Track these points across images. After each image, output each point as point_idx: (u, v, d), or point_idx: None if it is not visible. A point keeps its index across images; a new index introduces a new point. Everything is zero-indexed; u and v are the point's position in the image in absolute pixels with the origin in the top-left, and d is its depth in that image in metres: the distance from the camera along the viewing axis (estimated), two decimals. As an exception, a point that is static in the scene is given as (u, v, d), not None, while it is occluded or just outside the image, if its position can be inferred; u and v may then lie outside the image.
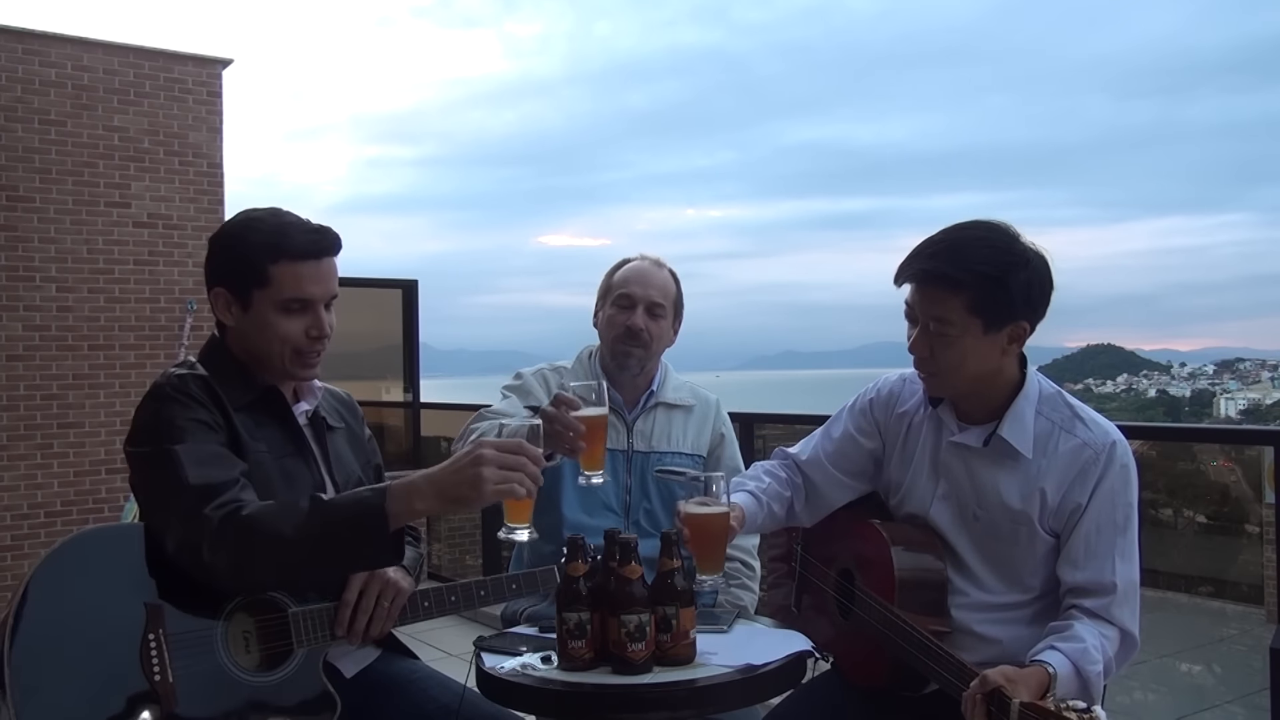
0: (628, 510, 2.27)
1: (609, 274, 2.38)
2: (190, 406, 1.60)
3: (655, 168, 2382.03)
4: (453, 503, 1.46)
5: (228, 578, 1.51)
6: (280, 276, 1.65)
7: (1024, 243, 1.65)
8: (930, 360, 1.67)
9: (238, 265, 1.67)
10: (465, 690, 1.76)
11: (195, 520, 1.48)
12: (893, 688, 1.75)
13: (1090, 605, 1.60)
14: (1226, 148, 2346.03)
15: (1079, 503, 1.65)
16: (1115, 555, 1.62)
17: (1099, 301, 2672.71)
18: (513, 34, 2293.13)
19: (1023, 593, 1.70)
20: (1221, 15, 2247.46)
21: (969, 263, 1.60)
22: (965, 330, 1.62)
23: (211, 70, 6.90)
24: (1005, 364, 1.69)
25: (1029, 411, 1.69)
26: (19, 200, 6.19)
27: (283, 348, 1.68)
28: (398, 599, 1.69)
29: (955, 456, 1.74)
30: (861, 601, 1.77)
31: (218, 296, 1.71)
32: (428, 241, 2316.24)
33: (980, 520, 1.71)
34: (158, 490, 1.56)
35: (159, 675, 1.50)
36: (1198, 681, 5.47)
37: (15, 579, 5.81)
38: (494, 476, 1.43)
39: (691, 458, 2.35)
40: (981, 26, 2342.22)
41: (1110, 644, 1.58)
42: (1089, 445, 1.66)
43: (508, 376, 2.40)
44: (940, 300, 1.62)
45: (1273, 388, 52.06)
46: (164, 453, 1.54)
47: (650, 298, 2.29)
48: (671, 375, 2.40)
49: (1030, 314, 1.65)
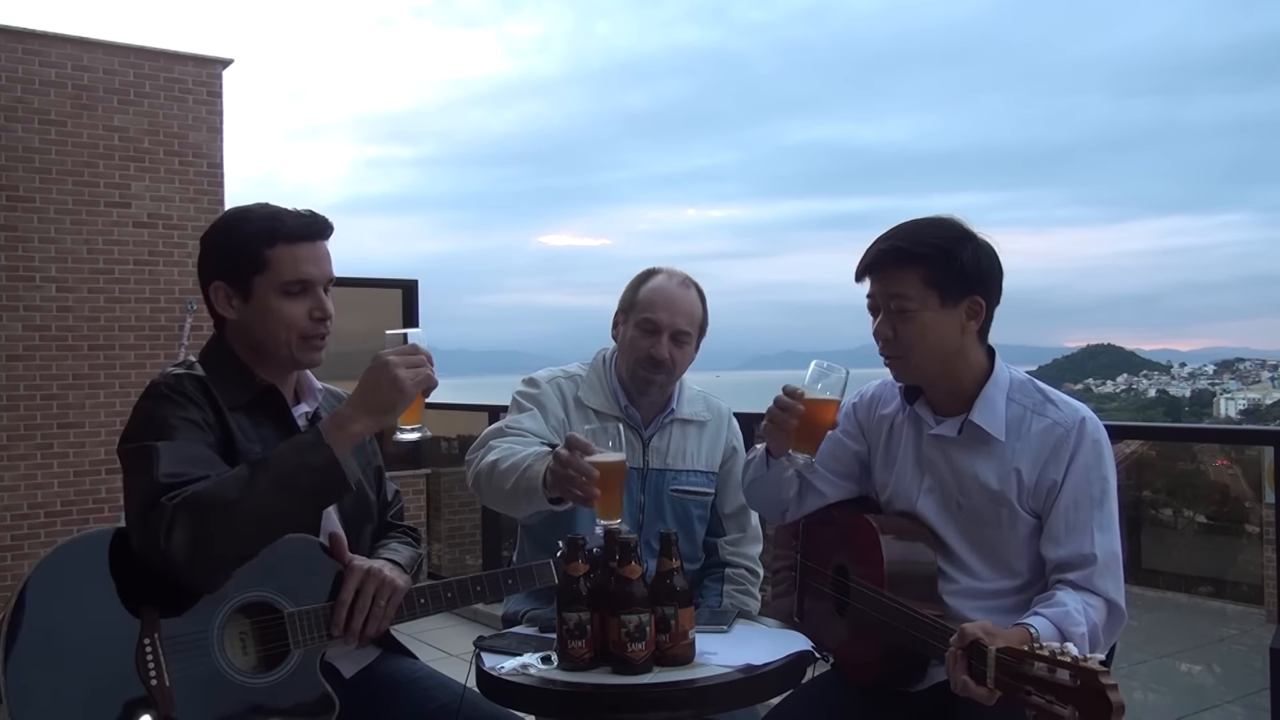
0: (640, 529, 2.21)
1: (633, 286, 2.27)
2: (182, 405, 1.60)
3: (656, 168, 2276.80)
4: (383, 412, 1.55)
5: (189, 563, 1.47)
6: (278, 259, 1.67)
7: (970, 228, 1.76)
8: (895, 341, 1.75)
9: (234, 255, 1.69)
10: (465, 690, 1.75)
11: (152, 512, 1.47)
12: (890, 681, 1.78)
13: (1073, 578, 1.64)
14: (1226, 147, 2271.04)
15: (1054, 479, 1.70)
16: (1094, 528, 1.67)
17: (1099, 301, 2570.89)
18: (513, 34, 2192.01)
19: (1011, 578, 1.74)
20: (1220, 14, 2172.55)
21: (921, 237, 1.72)
22: (923, 304, 1.71)
23: (211, 70, 6.90)
24: (968, 346, 1.76)
25: (999, 398, 1.76)
26: (19, 200, 6.20)
27: (288, 334, 1.69)
28: (394, 597, 1.68)
29: (935, 449, 1.80)
30: (856, 592, 1.80)
31: (216, 291, 1.71)
32: (428, 241, 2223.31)
33: (964, 508, 1.76)
34: (130, 486, 1.56)
35: (155, 679, 1.49)
36: (1198, 681, 5.47)
37: (15, 579, 5.78)
38: (409, 375, 1.54)
39: (706, 474, 2.31)
40: (981, 26, 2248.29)
41: (1096, 612, 1.60)
42: (1060, 424, 1.72)
43: (508, 376, 2.37)
44: (897, 277, 1.72)
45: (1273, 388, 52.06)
46: (145, 449, 1.54)
47: (676, 325, 2.19)
48: (688, 388, 2.34)
49: (984, 289, 1.73)
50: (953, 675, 1.44)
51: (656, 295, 2.22)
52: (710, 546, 2.36)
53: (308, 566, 1.65)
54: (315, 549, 1.67)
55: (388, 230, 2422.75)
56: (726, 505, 2.34)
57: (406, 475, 7.02)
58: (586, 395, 2.25)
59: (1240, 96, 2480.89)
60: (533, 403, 2.24)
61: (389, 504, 1.97)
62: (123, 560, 1.54)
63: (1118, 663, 1.73)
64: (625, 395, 2.26)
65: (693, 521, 2.28)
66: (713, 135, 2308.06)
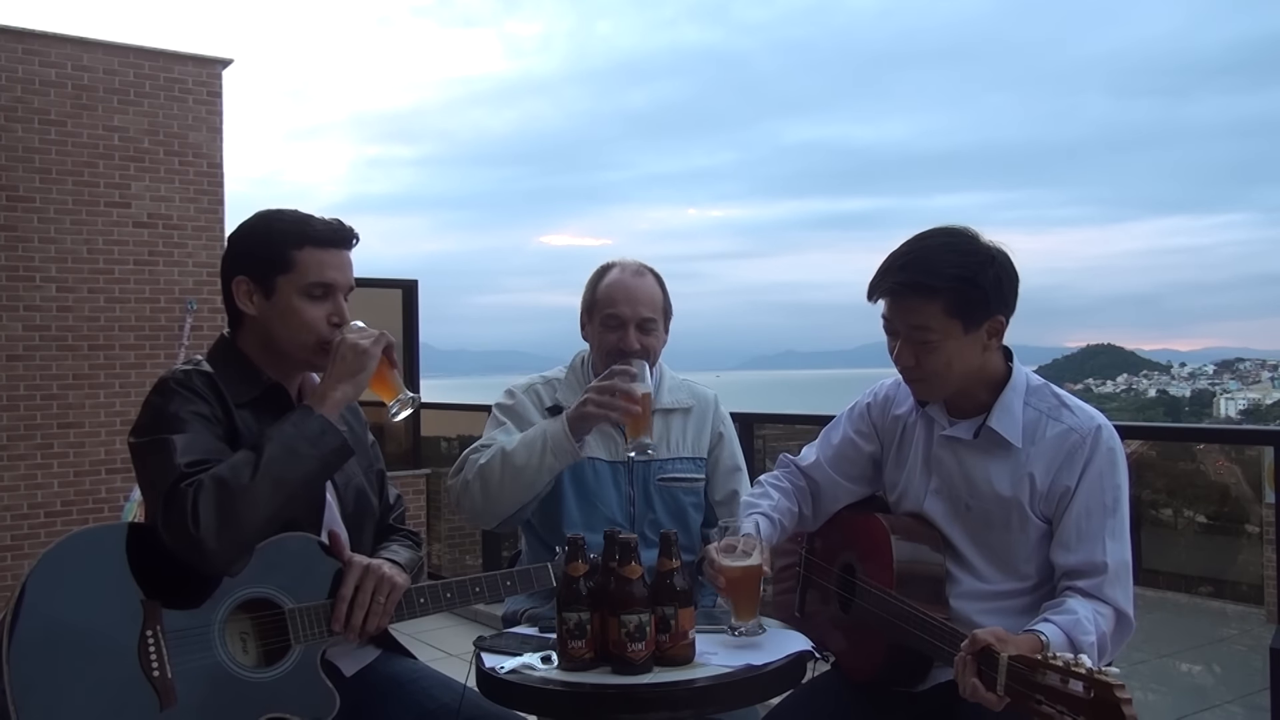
0: (632, 522, 2.23)
1: (591, 284, 2.31)
2: (192, 400, 1.64)
3: (656, 167, 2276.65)
4: (355, 375, 1.68)
5: (219, 540, 1.51)
6: (304, 261, 1.72)
7: (985, 242, 1.71)
8: (917, 368, 1.72)
9: (262, 252, 1.74)
10: (465, 690, 1.76)
11: (176, 497, 1.51)
12: (891, 680, 1.78)
13: (1084, 585, 1.64)
14: (1226, 147, 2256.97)
15: (1067, 486, 1.69)
16: (1106, 536, 1.66)
17: (1099, 301, 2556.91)
18: (513, 33, 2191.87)
19: (1019, 580, 1.74)
20: (1221, 14, 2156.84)
21: (939, 269, 1.66)
22: (946, 334, 1.67)
23: (211, 70, 6.90)
24: (988, 359, 1.74)
25: (1017, 403, 1.74)
26: (19, 200, 6.19)
27: (305, 335, 1.73)
28: (393, 594, 1.69)
29: (946, 450, 1.79)
30: (862, 591, 1.80)
31: (238, 285, 1.75)
32: (428, 241, 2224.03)
33: (972, 510, 1.76)
34: (151, 476, 1.59)
35: (158, 672, 1.50)
36: (1198, 681, 5.47)
37: (15, 579, 5.78)
38: (363, 342, 1.69)
39: (693, 460, 2.32)
40: (982, 26, 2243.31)
41: (1105, 620, 1.60)
42: (1075, 430, 1.71)
43: (508, 376, 2.39)
44: (917, 309, 1.67)
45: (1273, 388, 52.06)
46: (160, 442, 1.58)
47: (640, 314, 2.23)
48: (668, 376, 2.36)
49: (1004, 307, 1.71)
50: (962, 679, 1.44)
51: (615, 290, 2.25)
52: (707, 539, 2.36)
53: (308, 563, 1.66)
54: (315, 546, 1.68)
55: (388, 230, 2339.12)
56: (716, 492, 2.36)
57: (406, 475, 7.02)
58: (565, 397, 2.27)
59: (1242, 97, 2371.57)
60: (507, 415, 2.28)
61: (391, 507, 1.99)
62: (127, 553, 1.56)
63: (1117, 663, 1.73)
64: None
65: (685, 509, 2.29)
66: (713, 135, 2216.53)
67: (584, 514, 2.21)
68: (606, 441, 2.26)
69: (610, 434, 2.25)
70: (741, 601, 1.74)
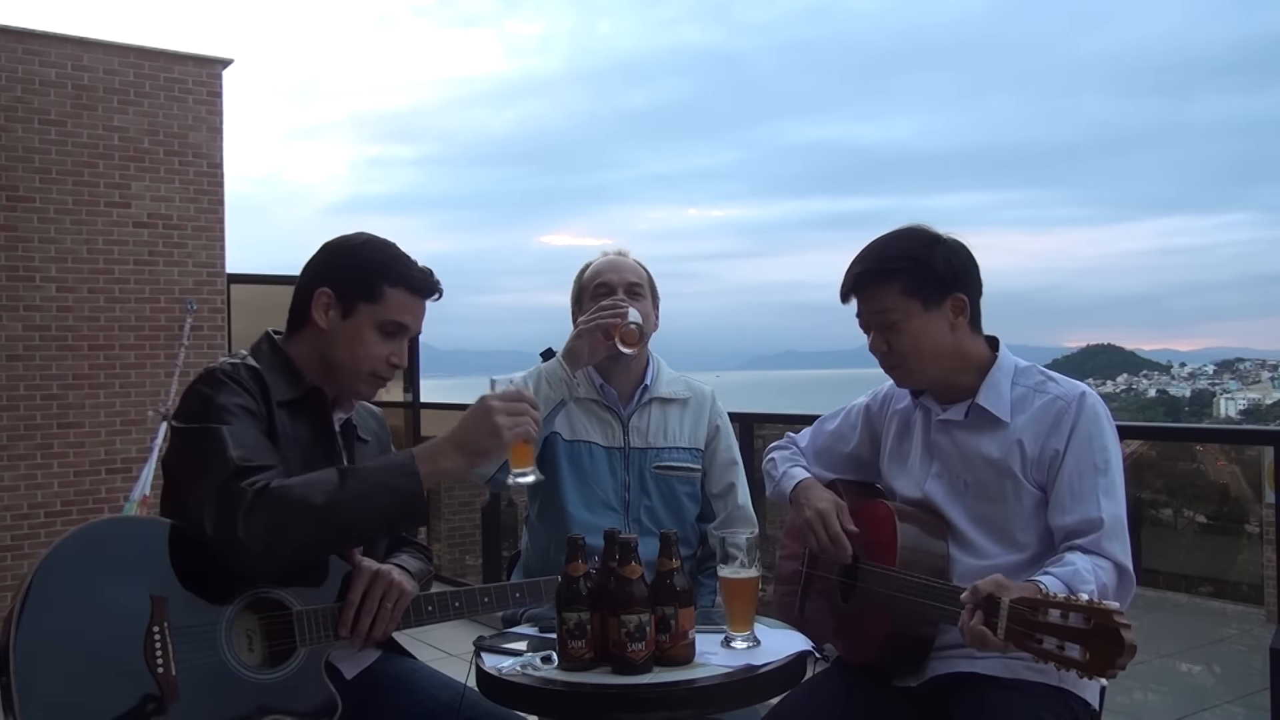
0: (627, 507, 2.28)
1: (578, 278, 2.41)
2: (238, 393, 1.65)
3: (657, 167, 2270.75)
4: (476, 455, 1.61)
5: (258, 551, 1.52)
6: (392, 299, 1.76)
7: (938, 232, 1.83)
8: (890, 353, 1.81)
9: (356, 274, 1.76)
10: (465, 690, 1.76)
11: (231, 493, 1.51)
12: (891, 664, 1.81)
13: (1082, 543, 1.68)
14: (1227, 147, 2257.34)
15: (1056, 450, 1.73)
16: (1100, 494, 1.70)
17: (1099, 301, 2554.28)
18: (514, 33, 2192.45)
19: (1018, 552, 1.76)
20: (1222, 15, 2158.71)
21: (889, 254, 1.80)
22: (908, 313, 1.77)
23: (211, 70, 6.90)
24: (963, 341, 1.81)
25: (1004, 382, 1.81)
26: (19, 200, 6.19)
27: (363, 365, 1.76)
28: (401, 600, 1.70)
29: (943, 434, 1.85)
30: (865, 573, 1.84)
31: (320, 296, 1.76)
32: (428, 241, 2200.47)
33: (970, 485, 1.81)
34: (200, 464, 1.58)
35: (162, 667, 1.50)
36: (1198, 681, 5.48)
37: (15, 579, 5.82)
38: (508, 423, 1.59)
39: (689, 450, 2.35)
40: (983, 25, 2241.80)
41: (1105, 574, 1.63)
42: (1060, 398, 1.77)
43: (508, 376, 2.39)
44: (877, 295, 1.80)
45: (1273, 388, 52.06)
46: (210, 430, 1.59)
47: (626, 279, 2.33)
48: (665, 369, 2.41)
49: (963, 286, 1.79)
50: (966, 628, 1.47)
51: (601, 265, 2.38)
52: (704, 536, 2.39)
53: (317, 567, 1.66)
54: None
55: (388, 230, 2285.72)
56: (713, 485, 2.39)
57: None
58: (553, 382, 2.28)
59: (1243, 97, 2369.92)
60: None
61: None
62: (133, 548, 1.57)
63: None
64: (599, 374, 2.34)
65: (680, 499, 2.33)
66: (713, 135, 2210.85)
67: (582, 492, 2.26)
68: (603, 428, 2.31)
69: (607, 420, 2.31)
70: (738, 612, 1.75)
